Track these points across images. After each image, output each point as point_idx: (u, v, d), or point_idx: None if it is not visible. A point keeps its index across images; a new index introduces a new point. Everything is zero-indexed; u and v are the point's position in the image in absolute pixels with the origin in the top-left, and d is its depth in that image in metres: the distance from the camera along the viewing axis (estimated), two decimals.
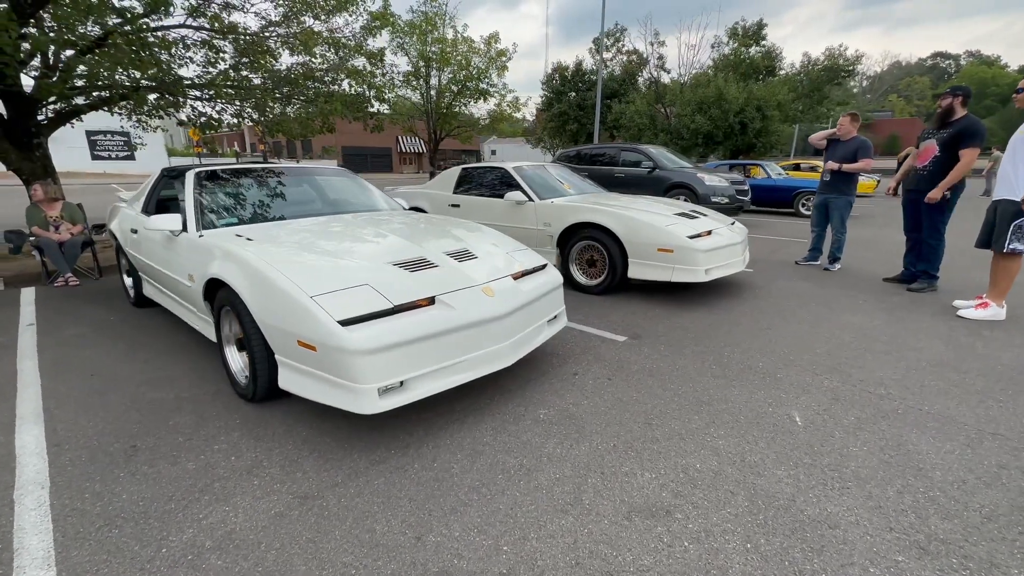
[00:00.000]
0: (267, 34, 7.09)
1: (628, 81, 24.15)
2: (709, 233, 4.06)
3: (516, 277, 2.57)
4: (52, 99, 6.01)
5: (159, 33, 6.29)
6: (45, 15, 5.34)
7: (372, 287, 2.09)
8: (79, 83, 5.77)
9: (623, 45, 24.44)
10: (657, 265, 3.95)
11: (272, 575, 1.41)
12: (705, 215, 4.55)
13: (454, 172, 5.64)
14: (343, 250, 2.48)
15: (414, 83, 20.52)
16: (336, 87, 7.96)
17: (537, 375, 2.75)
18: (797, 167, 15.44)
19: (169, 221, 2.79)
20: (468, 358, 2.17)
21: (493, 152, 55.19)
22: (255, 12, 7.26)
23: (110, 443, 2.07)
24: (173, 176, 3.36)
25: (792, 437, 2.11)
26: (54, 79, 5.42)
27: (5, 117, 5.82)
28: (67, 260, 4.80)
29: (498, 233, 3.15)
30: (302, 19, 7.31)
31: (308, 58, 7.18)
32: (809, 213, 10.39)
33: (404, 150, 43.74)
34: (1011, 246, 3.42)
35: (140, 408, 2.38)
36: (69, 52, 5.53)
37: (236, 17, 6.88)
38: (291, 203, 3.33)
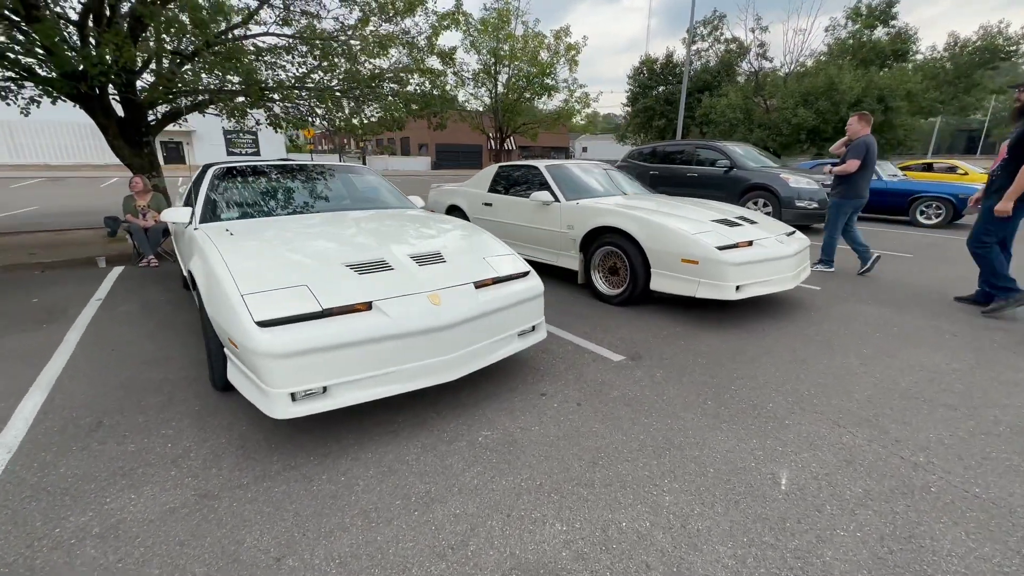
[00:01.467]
0: (344, 36, 7.52)
1: (724, 72, 22.26)
2: (749, 244, 3.52)
3: (481, 285, 2.39)
4: (160, 102, 6.95)
5: (251, 41, 6.98)
6: (162, 33, 6.15)
7: (309, 288, 2.05)
8: (174, 88, 6.56)
9: (720, 33, 22.58)
10: (681, 277, 3.51)
11: (124, 574, 1.41)
12: (754, 222, 3.96)
13: (491, 170, 5.52)
14: (307, 248, 2.48)
15: (483, 80, 20.80)
16: (406, 87, 8.26)
17: (504, 391, 2.55)
18: (929, 167, 13.10)
19: (179, 213, 3.01)
20: (403, 369, 2.06)
21: (584, 149, 54.50)
22: (332, 17, 7.76)
23: (84, 416, 2.27)
24: None
25: (764, 505, 1.70)
26: (160, 87, 6.25)
27: (122, 118, 6.81)
28: (150, 244, 5.50)
29: (488, 235, 2.97)
30: (374, 21, 7.67)
31: (367, 59, 7.50)
32: (928, 222, 8.83)
33: (494, 147, 44.77)
34: None
35: (130, 385, 2.59)
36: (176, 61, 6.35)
37: (312, 22, 7.39)
38: (295, 200, 3.44)
